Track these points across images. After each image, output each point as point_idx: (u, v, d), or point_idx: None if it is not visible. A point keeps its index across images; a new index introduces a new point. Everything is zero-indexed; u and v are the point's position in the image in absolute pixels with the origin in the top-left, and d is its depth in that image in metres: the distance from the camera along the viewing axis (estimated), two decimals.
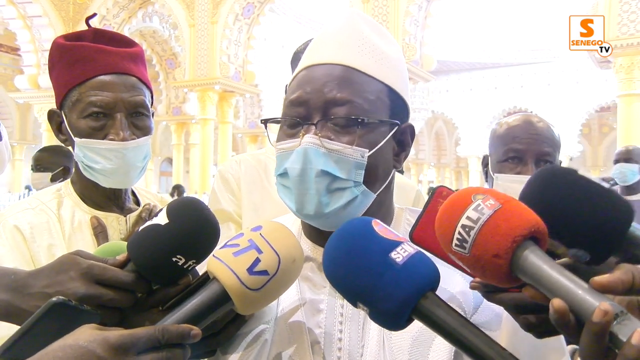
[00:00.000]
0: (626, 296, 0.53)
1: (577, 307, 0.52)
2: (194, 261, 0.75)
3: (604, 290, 0.53)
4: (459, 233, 0.59)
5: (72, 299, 0.71)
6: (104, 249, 0.89)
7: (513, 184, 1.52)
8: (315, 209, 0.78)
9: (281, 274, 0.70)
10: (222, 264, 0.69)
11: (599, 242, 0.56)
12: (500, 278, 0.58)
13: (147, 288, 0.76)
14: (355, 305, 0.63)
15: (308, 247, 0.87)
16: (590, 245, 0.55)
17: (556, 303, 0.52)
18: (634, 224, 0.63)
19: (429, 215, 0.72)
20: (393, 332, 0.75)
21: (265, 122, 0.88)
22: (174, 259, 0.73)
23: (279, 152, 0.82)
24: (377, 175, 0.81)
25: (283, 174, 0.81)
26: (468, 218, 0.59)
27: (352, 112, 0.78)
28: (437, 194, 0.75)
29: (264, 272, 0.69)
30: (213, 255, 0.71)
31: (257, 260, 0.69)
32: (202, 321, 0.68)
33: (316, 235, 0.86)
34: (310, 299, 0.82)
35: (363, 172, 0.79)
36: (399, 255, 0.60)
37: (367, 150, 0.79)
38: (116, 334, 0.61)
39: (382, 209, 0.86)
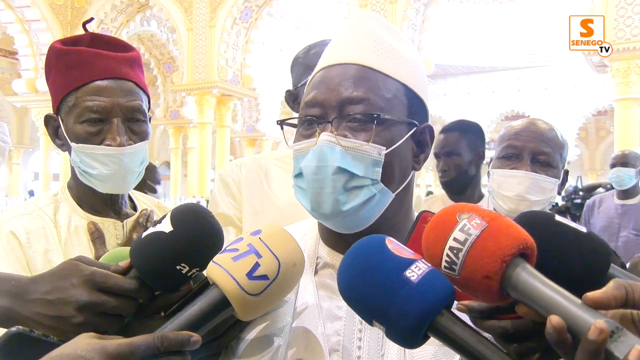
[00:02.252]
0: (619, 309, 0.53)
1: (572, 324, 0.51)
2: (198, 269, 0.75)
3: (596, 306, 0.52)
4: (447, 255, 0.59)
5: (75, 306, 0.71)
6: (110, 255, 0.88)
7: (507, 179, 1.53)
8: (332, 208, 0.76)
9: (282, 278, 0.70)
10: (221, 269, 0.68)
11: (578, 286, 0.56)
12: (492, 297, 0.58)
13: (149, 295, 0.75)
14: (371, 323, 0.62)
15: (326, 253, 0.85)
16: (572, 288, 0.55)
17: (554, 320, 0.51)
18: (612, 265, 0.64)
19: (414, 241, 0.72)
20: None
21: (281, 122, 0.86)
22: (178, 267, 0.73)
23: (296, 153, 0.81)
24: (395, 173, 0.80)
25: (299, 175, 0.80)
26: (455, 240, 0.58)
27: (369, 110, 0.77)
28: (421, 220, 0.75)
29: (263, 277, 0.68)
30: (212, 261, 0.70)
31: (257, 265, 0.68)
32: (202, 327, 0.67)
33: (334, 240, 0.84)
34: (329, 305, 0.80)
35: (380, 170, 0.77)
36: (413, 274, 0.60)
37: (385, 148, 0.77)
38: (114, 343, 0.60)
39: (402, 210, 0.84)
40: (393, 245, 0.63)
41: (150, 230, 0.75)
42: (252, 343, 0.80)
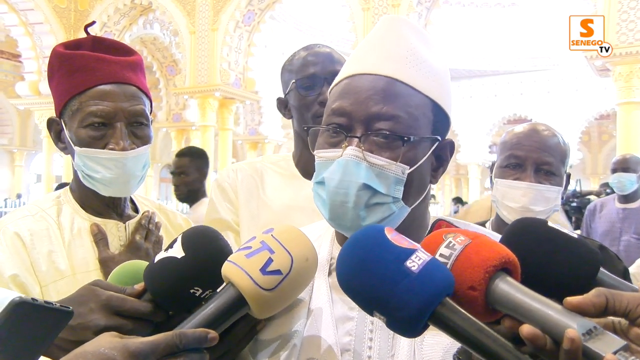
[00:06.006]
0: (602, 318, 0.55)
1: (554, 330, 0.54)
2: (211, 290, 0.76)
3: (576, 310, 0.54)
4: None
5: (94, 330, 0.73)
6: (120, 271, 0.89)
7: (510, 190, 1.52)
8: (352, 222, 0.77)
9: (295, 273, 0.71)
10: (235, 267, 0.69)
11: (568, 291, 0.57)
12: (479, 311, 0.59)
13: (164, 317, 0.77)
14: (371, 314, 0.62)
15: None
16: (561, 294, 0.57)
17: (525, 330, 0.54)
18: (602, 269, 0.67)
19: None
20: (424, 342, 0.75)
21: (307, 128, 0.87)
22: (191, 291, 0.75)
23: (319, 160, 0.81)
24: (414, 191, 0.80)
25: (320, 182, 0.80)
26: (441, 255, 0.61)
27: (397, 128, 0.76)
28: (437, 226, 0.78)
29: (277, 272, 0.69)
30: (227, 260, 0.71)
31: (270, 260, 0.70)
32: (219, 326, 0.68)
33: None
34: (342, 306, 0.81)
35: (402, 188, 0.78)
36: (414, 264, 0.60)
37: (408, 167, 0.77)
38: (136, 341, 0.62)
39: (415, 223, 0.84)
40: (393, 235, 0.63)
41: (162, 255, 0.76)
42: (269, 343, 0.81)
